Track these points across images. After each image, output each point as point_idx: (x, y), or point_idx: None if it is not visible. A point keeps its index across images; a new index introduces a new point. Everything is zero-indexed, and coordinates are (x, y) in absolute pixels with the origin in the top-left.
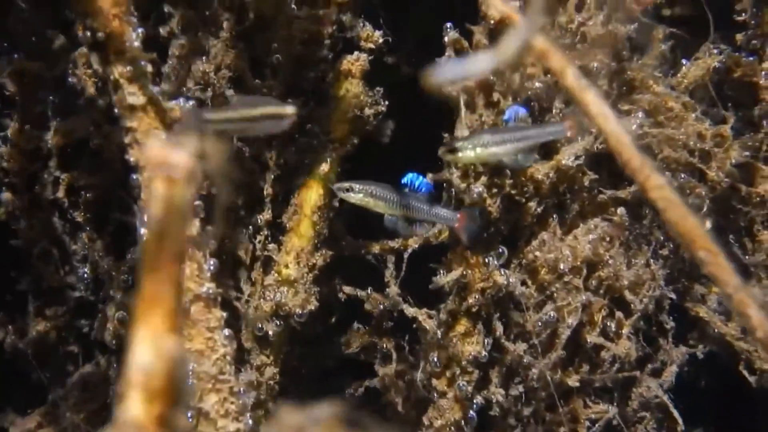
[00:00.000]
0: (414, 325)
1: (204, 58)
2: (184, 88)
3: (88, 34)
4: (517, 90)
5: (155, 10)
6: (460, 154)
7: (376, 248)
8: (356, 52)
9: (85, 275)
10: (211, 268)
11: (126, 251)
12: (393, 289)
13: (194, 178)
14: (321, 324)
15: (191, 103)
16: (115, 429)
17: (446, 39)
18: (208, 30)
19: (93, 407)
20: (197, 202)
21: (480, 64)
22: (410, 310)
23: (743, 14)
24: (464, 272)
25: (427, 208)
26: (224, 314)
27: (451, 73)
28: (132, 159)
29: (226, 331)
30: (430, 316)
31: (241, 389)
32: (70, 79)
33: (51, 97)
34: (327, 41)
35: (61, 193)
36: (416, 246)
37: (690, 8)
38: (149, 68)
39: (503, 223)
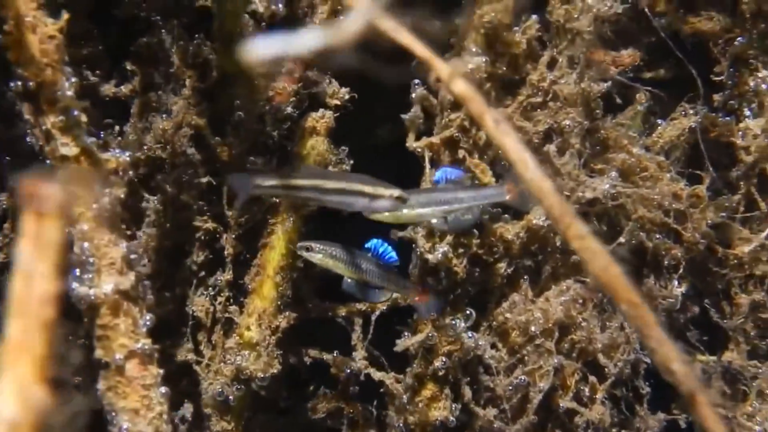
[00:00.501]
0: (382, 390)
1: (164, 116)
2: (145, 146)
3: (19, 83)
4: (483, 147)
5: (117, 68)
6: (386, 213)
7: (343, 311)
8: (321, 110)
9: None
10: (148, 323)
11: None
12: (360, 353)
13: (66, 212)
14: (286, 389)
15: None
16: None
17: (413, 96)
18: (170, 87)
19: None
20: (135, 251)
21: (304, 41)
22: (377, 374)
23: (721, 75)
24: (429, 335)
25: (386, 276)
26: (161, 371)
27: (272, 47)
28: None
29: (163, 389)
30: (398, 381)
31: None
32: (28, 139)
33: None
34: (292, 99)
35: None
36: (384, 308)
37: (669, 71)
38: (83, 118)
39: (470, 284)
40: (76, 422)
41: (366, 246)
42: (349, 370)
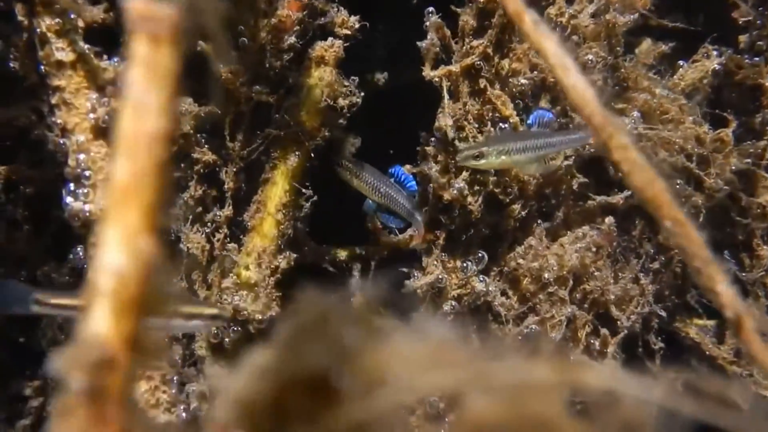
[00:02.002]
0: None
1: None
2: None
3: None
4: (504, 77)
5: None
6: (483, 161)
7: (342, 254)
8: (330, 39)
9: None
10: None
11: (67, 252)
12: (358, 299)
13: (183, 37)
14: None
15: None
16: (75, 350)
17: (428, 24)
18: None
19: (26, 423)
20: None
21: None
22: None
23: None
24: (440, 276)
25: (405, 204)
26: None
27: None
28: (59, 122)
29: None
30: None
31: (174, 379)
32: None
33: None
34: (296, 27)
35: None
36: (385, 253)
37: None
38: (80, 23)
39: (484, 225)
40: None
41: (389, 171)
42: None
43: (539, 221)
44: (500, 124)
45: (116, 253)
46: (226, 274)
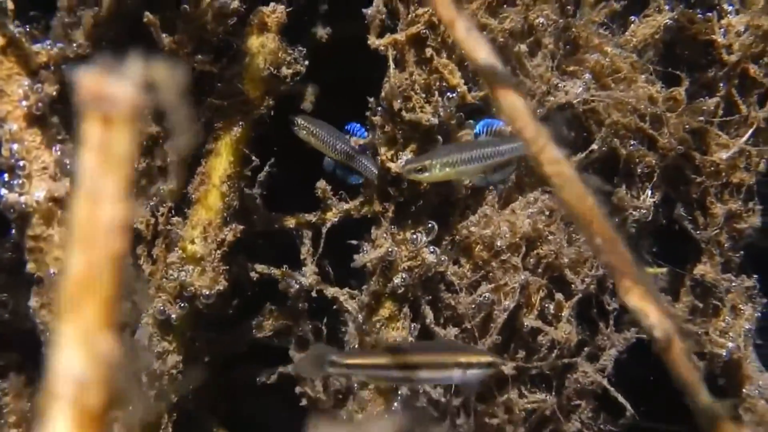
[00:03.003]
0: (334, 308)
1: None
2: (74, 45)
3: None
4: (451, 46)
5: None
6: (427, 174)
7: (291, 222)
8: (272, 3)
9: None
10: None
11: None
12: (310, 267)
13: (139, 115)
14: (230, 307)
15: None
16: None
17: None
18: None
19: None
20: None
21: None
22: (330, 290)
23: None
24: (389, 250)
25: (363, 161)
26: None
27: None
28: None
29: None
30: (352, 297)
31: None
32: None
33: None
34: None
35: None
36: (335, 220)
37: None
38: (9, 5)
39: (434, 195)
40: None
41: (345, 128)
42: (298, 286)
43: (491, 188)
44: (448, 93)
45: (74, 355)
46: (171, 249)
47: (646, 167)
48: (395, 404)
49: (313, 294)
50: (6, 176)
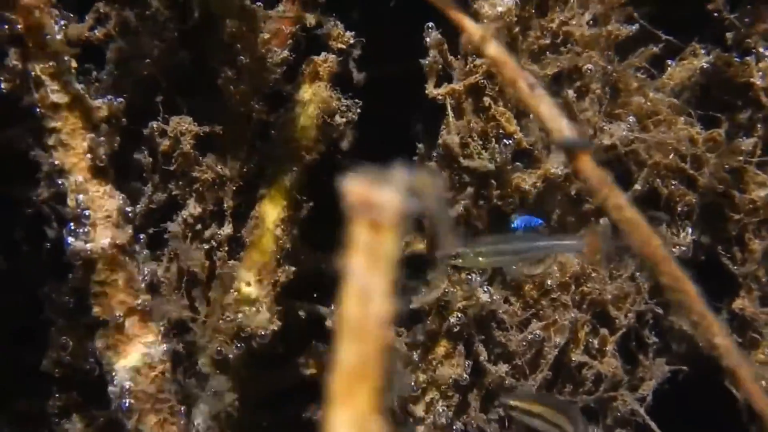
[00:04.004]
0: None
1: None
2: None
3: (6, 27)
4: (510, 95)
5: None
6: (460, 261)
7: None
8: (324, 53)
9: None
10: (146, 278)
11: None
12: None
13: (402, 222)
14: (277, 344)
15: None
16: None
17: (428, 40)
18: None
19: None
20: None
21: None
22: None
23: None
24: (446, 290)
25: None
26: (161, 328)
27: None
28: (57, 162)
29: (164, 346)
30: (399, 335)
31: (182, 409)
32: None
33: None
34: (289, 41)
35: None
36: None
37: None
38: (73, 64)
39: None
40: None
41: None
42: None
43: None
44: (504, 140)
45: None
46: (227, 291)
47: (686, 206)
48: None
49: None
50: (72, 225)
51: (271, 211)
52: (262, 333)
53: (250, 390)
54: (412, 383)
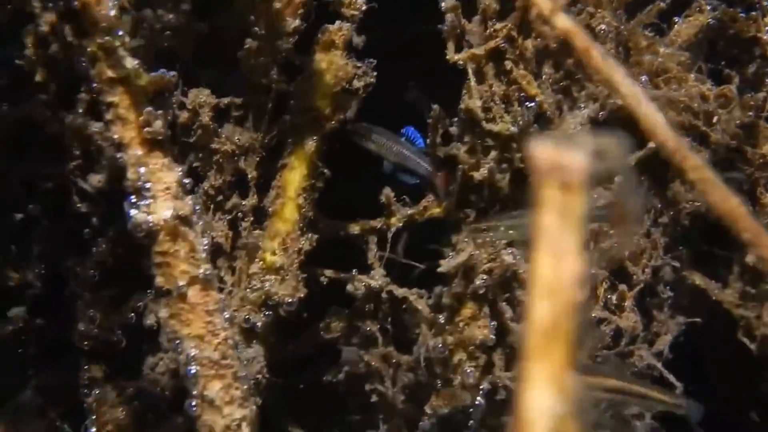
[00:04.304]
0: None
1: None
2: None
3: (61, 3)
4: (529, 58)
5: None
6: (491, 234)
7: (356, 229)
8: (338, 22)
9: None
10: (205, 247)
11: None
12: (378, 271)
13: (587, 183)
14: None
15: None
16: None
17: (444, 5)
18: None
19: (58, 411)
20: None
21: None
22: (399, 291)
23: None
24: (472, 253)
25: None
26: (222, 296)
27: None
28: (116, 136)
29: (226, 314)
30: (420, 296)
31: (245, 374)
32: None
33: None
34: (300, 10)
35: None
36: (400, 224)
37: None
38: (127, 39)
39: (509, 199)
40: None
41: (401, 131)
42: (366, 286)
43: None
44: (527, 102)
45: (546, 393)
46: (252, 260)
47: None
48: (479, 398)
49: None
50: (133, 198)
51: (293, 180)
52: (289, 301)
53: (275, 356)
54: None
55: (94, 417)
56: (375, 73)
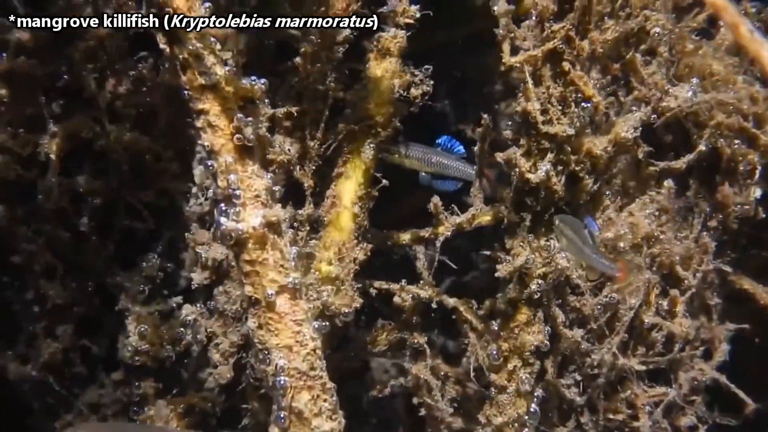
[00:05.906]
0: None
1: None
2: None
3: (153, 11)
4: (586, 59)
5: None
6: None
7: (405, 239)
8: (393, 29)
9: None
10: (293, 256)
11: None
12: (428, 280)
13: None
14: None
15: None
16: None
17: (497, 9)
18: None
19: None
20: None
21: None
22: (449, 301)
23: None
24: (528, 257)
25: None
26: (310, 306)
27: None
28: (206, 144)
29: (315, 324)
30: (470, 307)
31: (334, 386)
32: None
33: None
34: (353, 18)
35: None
36: (449, 233)
37: None
38: (219, 46)
39: (562, 202)
40: None
41: (437, 142)
42: (414, 298)
43: (607, 193)
44: (583, 103)
45: None
46: (307, 270)
47: (748, 165)
48: (533, 406)
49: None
50: (223, 205)
51: (348, 189)
52: (346, 311)
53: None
54: None
55: None
56: (432, 81)
